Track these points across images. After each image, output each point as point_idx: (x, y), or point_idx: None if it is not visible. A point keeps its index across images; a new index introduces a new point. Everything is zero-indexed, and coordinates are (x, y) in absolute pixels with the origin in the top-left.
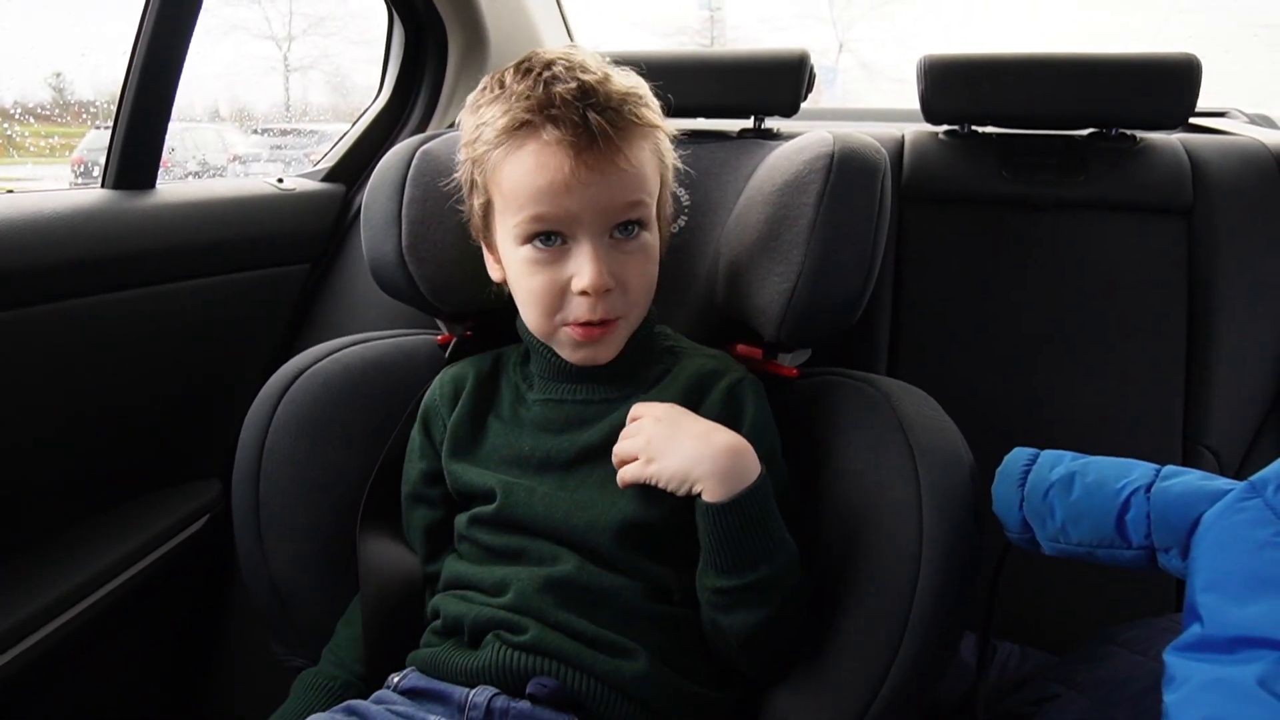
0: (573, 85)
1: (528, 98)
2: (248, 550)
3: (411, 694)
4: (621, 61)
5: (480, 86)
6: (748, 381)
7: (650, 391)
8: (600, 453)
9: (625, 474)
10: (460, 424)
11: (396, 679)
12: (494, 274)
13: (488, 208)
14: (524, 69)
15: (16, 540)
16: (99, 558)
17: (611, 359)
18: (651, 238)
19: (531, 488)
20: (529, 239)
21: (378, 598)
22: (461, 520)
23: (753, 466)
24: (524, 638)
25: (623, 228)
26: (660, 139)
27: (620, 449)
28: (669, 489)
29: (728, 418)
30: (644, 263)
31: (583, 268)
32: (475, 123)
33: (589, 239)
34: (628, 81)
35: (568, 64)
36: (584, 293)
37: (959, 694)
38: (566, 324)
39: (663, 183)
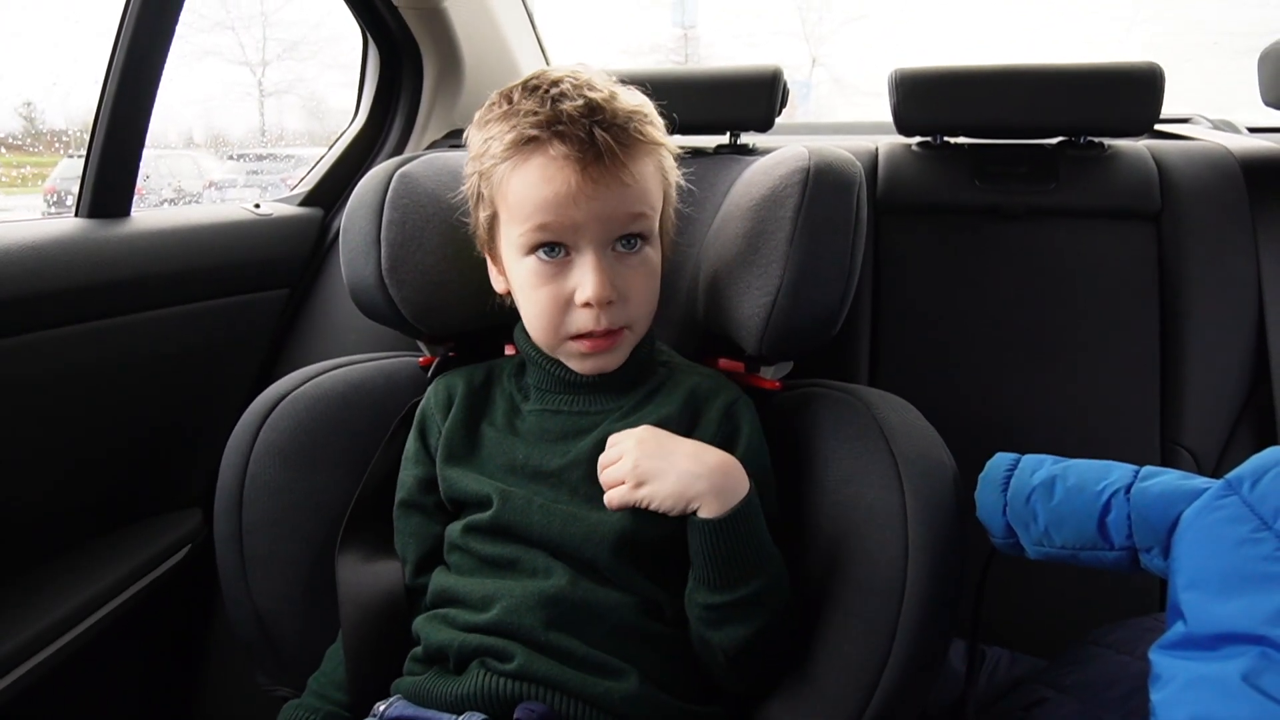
0: (580, 102)
1: (535, 114)
2: (230, 580)
3: None
4: None
5: (488, 102)
6: (743, 401)
7: (648, 406)
8: (596, 463)
9: (613, 497)
10: (454, 431)
11: (382, 707)
12: (498, 286)
13: (493, 220)
14: (531, 86)
15: None
16: (77, 592)
17: (619, 366)
18: (654, 252)
19: (529, 497)
20: (533, 249)
21: (359, 617)
22: (454, 529)
23: (743, 482)
24: (510, 665)
25: (625, 241)
26: (664, 156)
27: (605, 474)
28: (663, 510)
29: (725, 435)
30: (646, 276)
31: (585, 279)
32: (483, 137)
33: (592, 250)
34: (634, 100)
35: (575, 82)
36: (587, 304)
37: (949, 701)
38: (571, 337)
39: (666, 199)
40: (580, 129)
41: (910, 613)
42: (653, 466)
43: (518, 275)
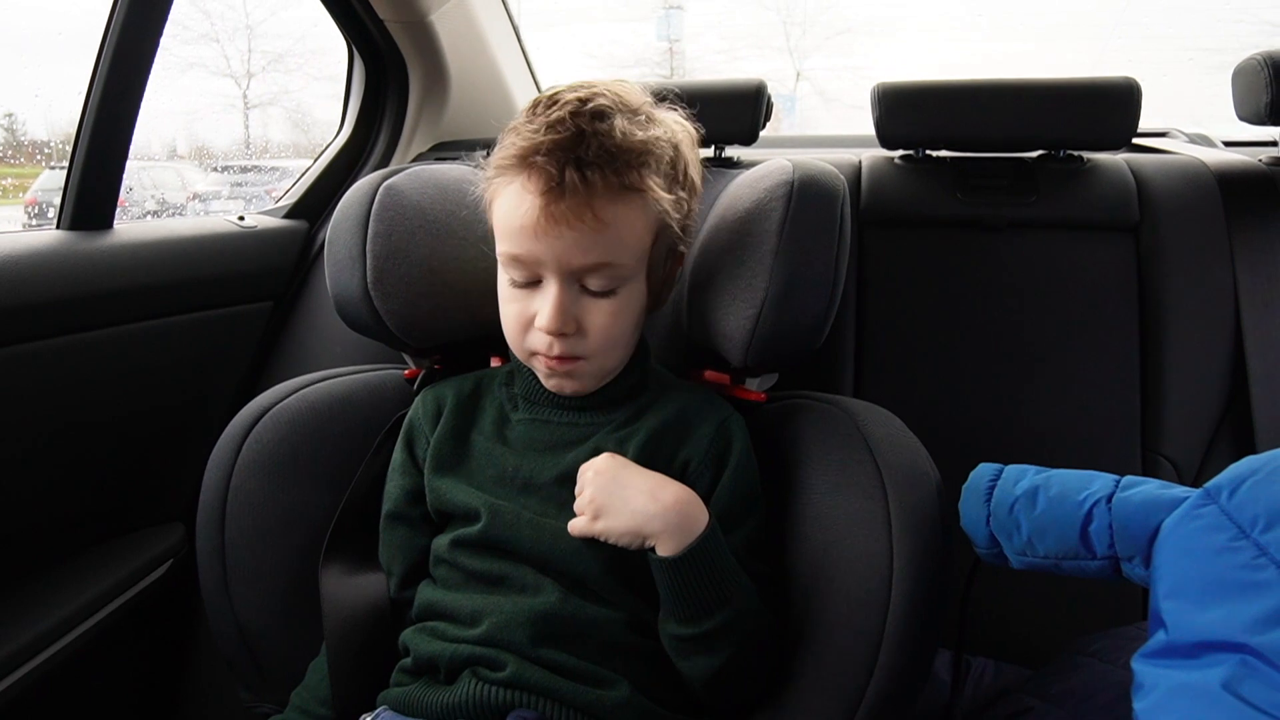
0: (566, 135)
1: (527, 138)
2: (213, 595)
3: None
4: None
5: (525, 106)
6: (735, 419)
7: (640, 421)
8: None
9: (573, 526)
10: (443, 441)
11: (369, 718)
12: None
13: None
14: (545, 103)
15: None
16: (58, 607)
17: (580, 394)
18: (627, 293)
19: (518, 511)
20: (507, 268)
21: (343, 631)
22: (442, 543)
23: (701, 517)
24: (502, 674)
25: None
26: (655, 201)
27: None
28: (620, 545)
29: (716, 453)
30: (610, 314)
31: (543, 308)
32: (498, 147)
33: (556, 282)
34: (642, 135)
35: (577, 109)
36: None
37: (935, 711)
38: (534, 353)
39: (658, 240)
40: (553, 163)
41: (895, 623)
42: (608, 502)
43: (500, 286)
